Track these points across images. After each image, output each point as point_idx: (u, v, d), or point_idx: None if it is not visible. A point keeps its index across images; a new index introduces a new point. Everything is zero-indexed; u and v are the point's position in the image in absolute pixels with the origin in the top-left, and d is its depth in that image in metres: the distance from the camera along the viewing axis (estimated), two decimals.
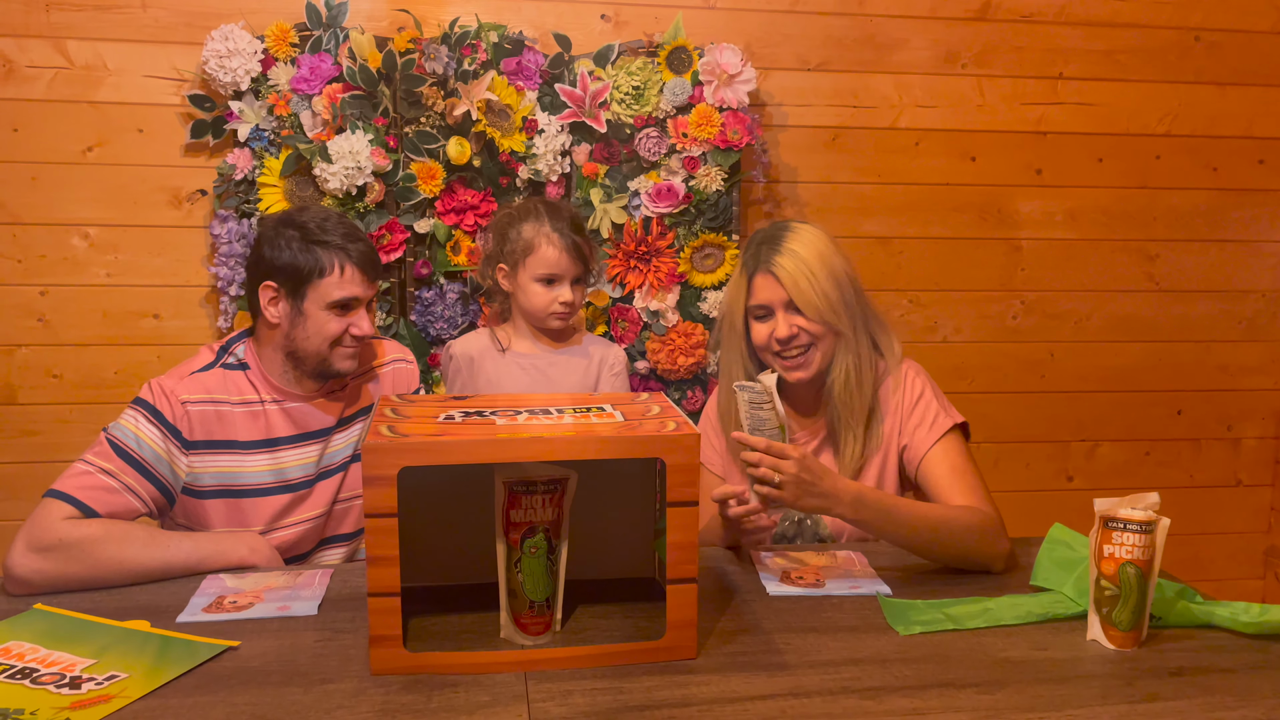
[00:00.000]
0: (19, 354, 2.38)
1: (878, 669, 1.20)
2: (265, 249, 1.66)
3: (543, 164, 2.36)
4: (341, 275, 1.64)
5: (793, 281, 1.63)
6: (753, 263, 1.67)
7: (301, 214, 1.68)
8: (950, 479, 1.62)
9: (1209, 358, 2.82)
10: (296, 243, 1.63)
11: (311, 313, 1.64)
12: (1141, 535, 1.23)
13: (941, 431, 1.65)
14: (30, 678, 1.16)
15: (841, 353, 1.68)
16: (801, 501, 1.42)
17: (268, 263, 1.65)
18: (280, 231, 1.65)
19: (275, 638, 1.27)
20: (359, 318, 1.67)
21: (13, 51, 2.29)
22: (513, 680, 1.17)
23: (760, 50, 2.52)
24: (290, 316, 1.65)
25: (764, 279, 1.66)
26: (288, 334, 1.66)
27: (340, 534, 1.76)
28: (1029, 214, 2.69)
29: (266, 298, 1.65)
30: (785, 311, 1.65)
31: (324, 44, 2.30)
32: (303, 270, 1.63)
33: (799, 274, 1.63)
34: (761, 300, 1.66)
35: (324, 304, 1.64)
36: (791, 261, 1.64)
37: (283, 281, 1.64)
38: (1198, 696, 1.15)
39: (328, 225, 1.65)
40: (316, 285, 1.64)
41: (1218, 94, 2.71)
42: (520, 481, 1.22)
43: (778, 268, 1.64)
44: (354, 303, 1.67)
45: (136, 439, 1.57)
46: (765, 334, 1.67)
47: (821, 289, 1.63)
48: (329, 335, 1.65)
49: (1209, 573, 2.88)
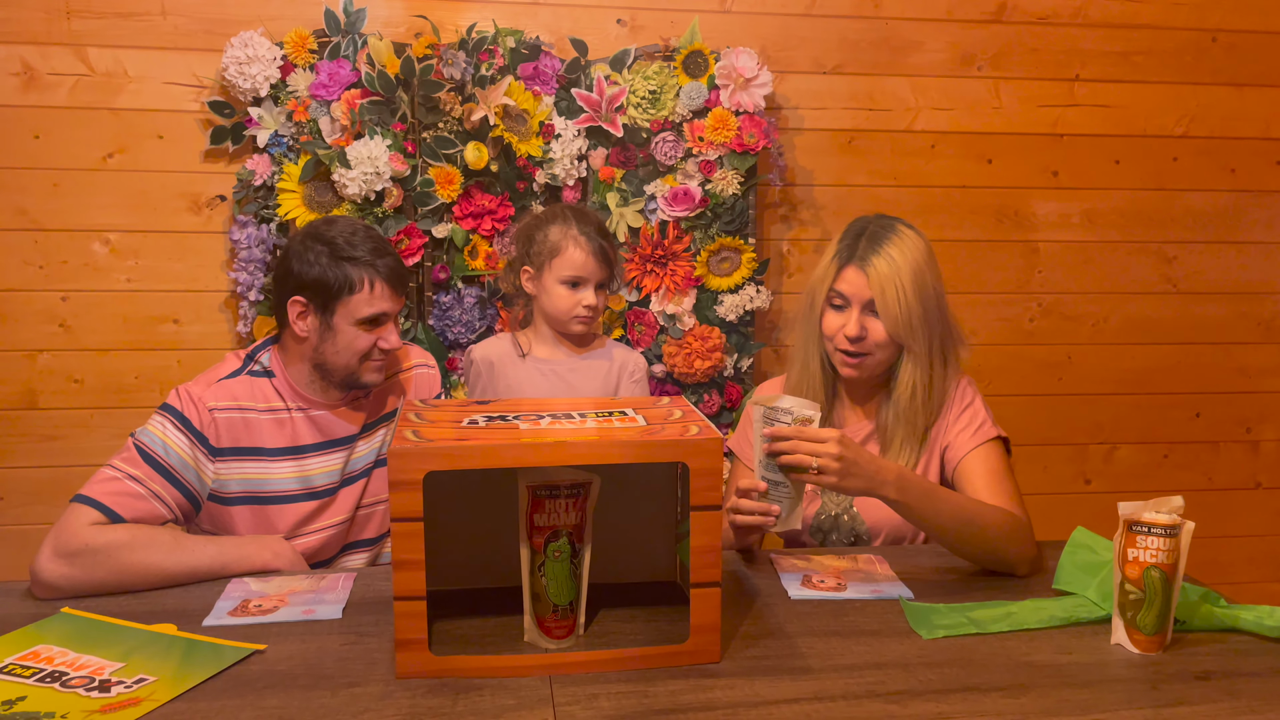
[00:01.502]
0: (41, 359, 2.40)
1: (901, 673, 1.20)
2: (294, 263, 1.65)
3: (559, 168, 2.36)
4: (371, 292, 1.65)
5: (880, 287, 1.62)
6: (848, 252, 1.65)
7: (330, 228, 1.68)
8: (986, 481, 1.62)
9: (1228, 360, 2.81)
10: (326, 258, 1.63)
11: (341, 328, 1.65)
12: (1166, 539, 1.23)
13: (985, 438, 1.66)
14: (60, 681, 1.17)
15: (911, 366, 1.66)
16: (846, 482, 1.39)
17: (296, 277, 1.65)
18: (309, 246, 1.65)
19: (301, 641, 1.28)
20: (388, 332, 1.68)
21: (34, 59, 2.32)
22: (537, 684, 1.17)
23: (776, 54, 2.53)
24: (319, 331, 1.66)
25: (854, 272, 1.64)
26: (316, 347, 1.67)
27: (363, 539, 1.77)
28: (1046, 216, 2.69)
29: (295, 312, 1.66)
30: (862, 311, 1.64)
31: (342, 50, 2.31)
32: (332, 287, 1.63)
33: (888, 281, 1.61)
34: (844, 290, 1.65)
35: (353, 320, 1.64)
36: (886, 266, 1.62)
37: (311, 297, 1.65)
38: (1224, 701, 1.15)
39: (355, 240, 1.65)
40: (346, 302, 1.64)
41: (1235, 95, 2.70)
42: (544, 486, 1.22)
43: (871, 267, 1.62)
44: (383, 318, 1.67)
45: (164, 445, 1.58)
46: (835, 325, 1.66)
47: (906, 303, 1.61)
48: (358, 351, 1.66)
49: (1228, 576, 2.87)
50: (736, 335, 2.51)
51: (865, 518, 1.72)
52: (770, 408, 1.44)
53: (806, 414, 1.42)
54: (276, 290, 1.70)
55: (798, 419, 1.41)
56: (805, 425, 1.41)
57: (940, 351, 1.68)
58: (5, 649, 1.25)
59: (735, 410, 2.50)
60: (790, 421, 1.42)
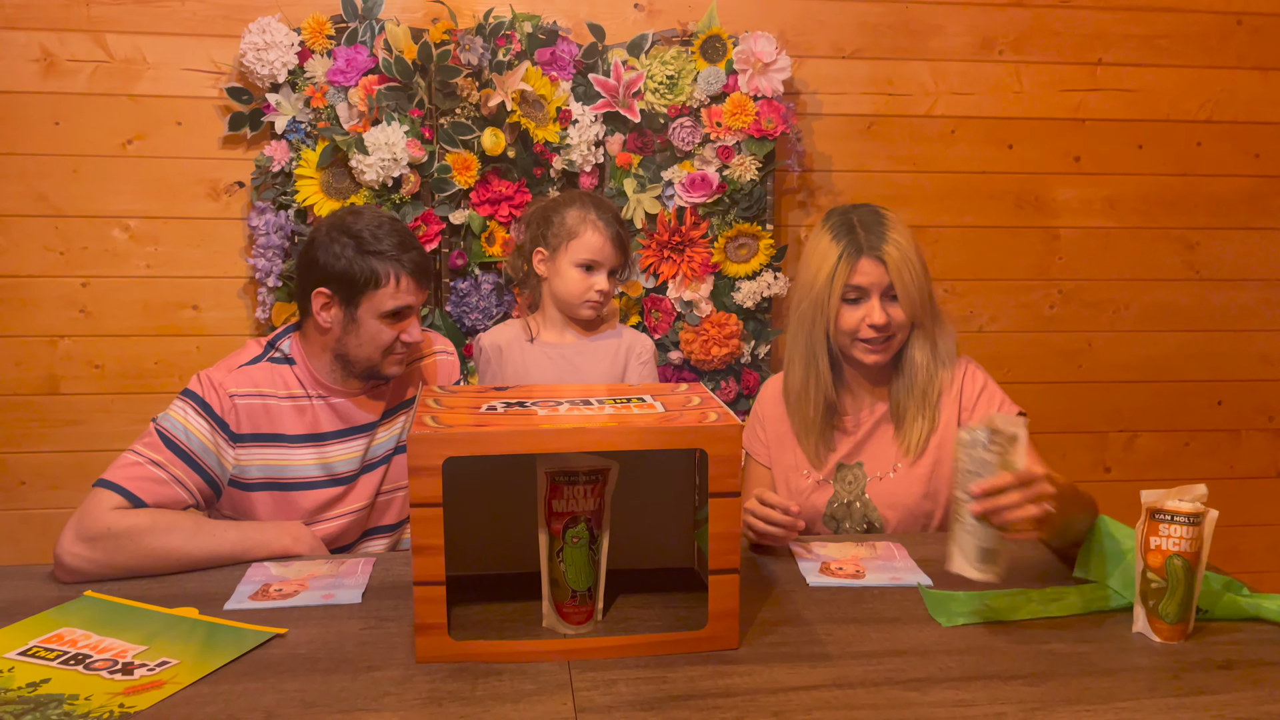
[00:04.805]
0: (62, 344, 2.42)
1: (921, 660, 1.20)
2: (320, 254, 1.65)
3: (577, 154, 2.36)
4: (397, 286, 1.65)
5: (898, 271, 1.66)
6: (853, 246, 1.67)
7: (356, 220, 1.67)
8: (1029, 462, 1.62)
9: (1250, 347, 2.78)
10: (352, 251, 1.64)
11: (364, 321, 1.65)
12: (1189, 527, 1.22)
13: None
14: (84, 663, 1.18)
15: (921, 341, 1.72)
16: (1061, 510, 1.31)
17: (321, 269, 1.65)
18: (335, 238, 1.65)
19: (321, 625, 1.29)
20: (410, 325, 1.69)
21: (53, 45, 2.32)
22: (556, 669, 1.18)
23: (795, 38, 2.51)
24: (343, 323, 1.66)
25: (869, 263, 1.67)
26: (339, 339, 1.67)
27: (383, 525, 1.78)
28: (1067, 202, 2.67)
29: (319, 303, 1.66)
30: (882, 299, 1.67)
31: (360, 36, 2.31)
32: (357, 280, 1.64)
33: (904, 264, 1.66)
34: (861, 283, 1.67)
35: (377, 314, 1.65)
36: (897, 251, 1.66)
37: (336, 289, 1.65)
38: (1247, 690, 1.14)
39: (381, 234, 1.65)
40: (371, 296, 1.64)
41: (1260, 79, 2.67)
42: (562, 472, 1.22)
43: (886, 255, 1.66)
44: (406, 311, 1.68)
45: (185, 431, 1.59)
46: (856, 319, 1.68)
47: (919, 282, 1.68)
48: (381, 344, 1.67)
49: (1249, 565, 2.85)
50: (754, 322, 2.50)
51: (877, 504, 1.72)
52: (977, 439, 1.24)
53: (1012, 431, 1.24)
54: (300, 280, 1.71)
55: (1005, 436, 1.24)
56: (1013, 444, 1.24)
57: (939, 320, 1.75)
58: (29, 632, 1.26)
59: (751, 397, 2.49)
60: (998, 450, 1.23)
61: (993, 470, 1.23)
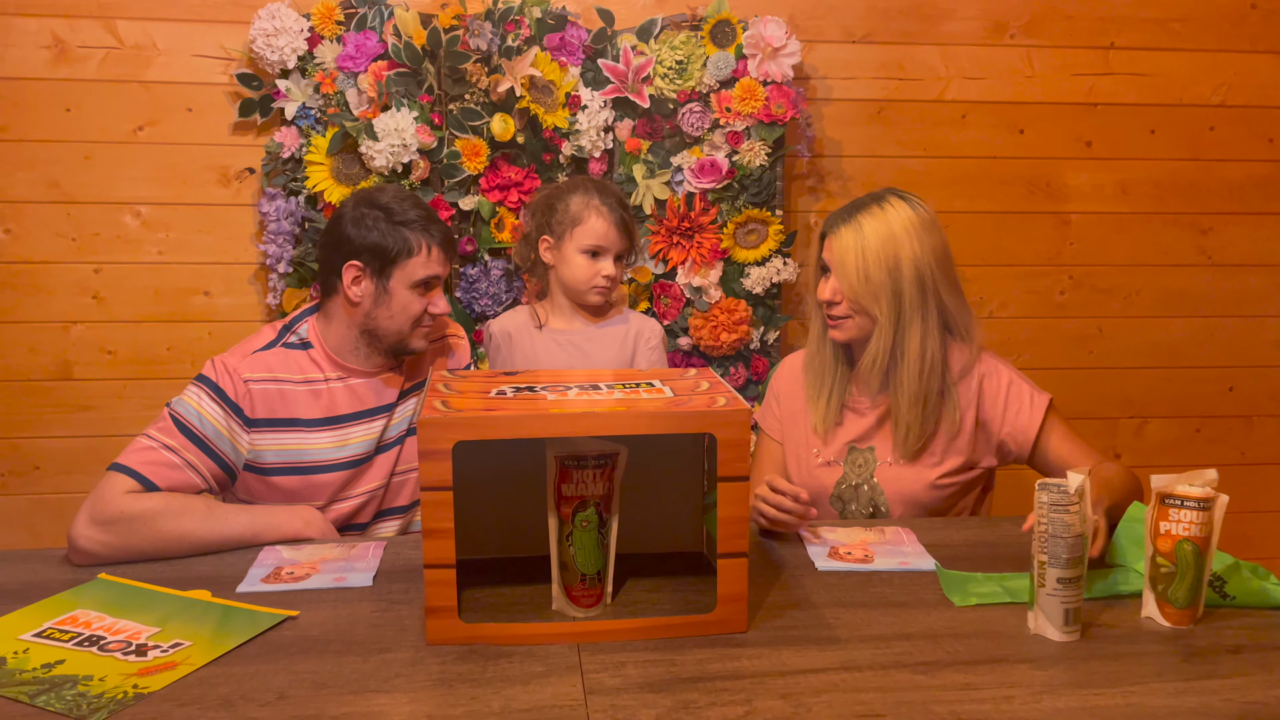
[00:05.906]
0: (74, 330, 2.43)
1: (929, 644, 1.20)
2: (349, 228, 1.68)
3: (586, 140, 2.35)
4: (429, 255, 1.68)
5: (840, 257, 1.68)
6: (831, 220, 1.71)
7: (381, 195, 1.72)
8: (1071, 449, 1.67)
9: (1262, 333, 2.77)
10: (383, 223, 1.67)
11: (396, 291, 1.68)
12: (1199, 512, 1.22)
13: (1043, 410, 1.69)
14: (98, 645, 1.19)
15: (899, 334, 1.66)
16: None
17: (352, 242, 1.68)
18: (364, 212, 1.68)
19: (332, 608, 1.30)
20: (437, 296, 1.72)
21: (65, 32, 2.33)
22: (566, 651, 1.18)
23: (805, 22, 2.50)
24: (374, 295, 1.68)
25: (827, 241, 1.71)
26: (369, 312, 1.69)
27: (396, 506, 1.79)
28: (1078, 187, 2.65)
29: (350, 277, 1.68)
30: (830, 277, 1.71)
31: (369, 21, 2.31)
32: (390, 250, 1.66)
33: (848, 250, 1.66)
34: (825, 258, 1.72)
35: (409, 283, 1.68)
36: (852, 235, 1.66)
37: (368, 261, 1.67)
38: (1255, 674, 1.14)
39: (406, 206, 1.69)
40: (404, 265, 1.67)
41: (1274, 63, 2.64)
42: (571, 456, 1.22)
43: (836, 236, 1.68)
44: (435, 281, 1.71)
45: (199, 416, 1.60)
46: (822, 292, 1.72)
47: (865, 272, 1.65)
48: (412, 314, 1.69)
49: (1260, 551, 2.84)
50: (763, 308, 2.50)
51: (885, 489, 1.72)
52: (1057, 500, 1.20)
53: (1080, 483, 1.21)
54: (327, 257, 1.73)
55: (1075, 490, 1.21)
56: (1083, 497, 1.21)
57: (934, 318, 1.67)
58: (44, 614, 1.27)
59: (761, 383, 2.49)
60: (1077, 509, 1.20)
61: (1075, 531, 1.19)
